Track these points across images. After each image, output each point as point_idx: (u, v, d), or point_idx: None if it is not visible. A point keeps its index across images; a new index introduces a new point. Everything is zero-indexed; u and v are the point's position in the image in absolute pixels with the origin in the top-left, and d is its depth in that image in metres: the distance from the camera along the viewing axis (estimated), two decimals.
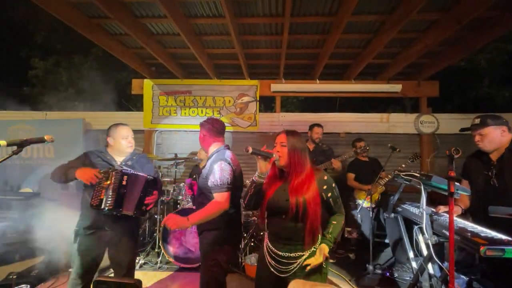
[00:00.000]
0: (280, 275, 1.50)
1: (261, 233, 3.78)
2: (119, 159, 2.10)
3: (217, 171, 1.74)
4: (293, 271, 1.47)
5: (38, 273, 2.82)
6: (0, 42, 7.93)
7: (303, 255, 1.48)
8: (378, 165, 3.76)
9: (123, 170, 1.89)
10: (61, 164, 1.98)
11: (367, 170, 3.65)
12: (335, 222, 1.55)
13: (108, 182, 1.82)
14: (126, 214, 1.87)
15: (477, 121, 1.98)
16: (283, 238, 1.52)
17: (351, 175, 3.74)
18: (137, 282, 1.33)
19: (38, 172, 4.55)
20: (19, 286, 1.48)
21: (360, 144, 3.70)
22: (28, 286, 1.52)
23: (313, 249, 1.51)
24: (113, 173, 1.84)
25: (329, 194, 1.53)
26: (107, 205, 1.80)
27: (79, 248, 1.93)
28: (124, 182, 1.85)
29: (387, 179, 3.36)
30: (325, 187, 1.53)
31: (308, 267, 1.41)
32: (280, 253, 1.50)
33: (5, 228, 3.20)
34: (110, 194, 1.80)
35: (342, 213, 1.59)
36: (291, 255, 1.48)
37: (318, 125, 3.85)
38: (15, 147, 1.44)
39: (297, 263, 1.47)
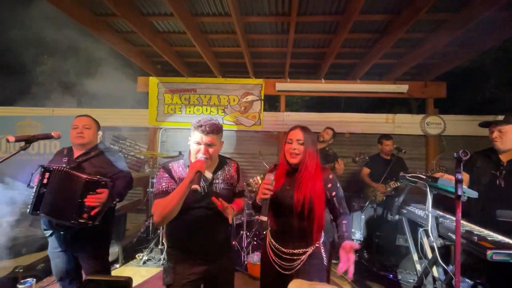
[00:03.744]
0: (284, 272, 1.50)
1: (264, 232, 3.78)
2: (78, 153, 1.89)
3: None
4: (297, 267, 1.47)
5: (44, 267, 2.87)
6: (8, 39, 8.01)
7: (307, 251, 1.48)
8: (402, 166, 3.56)
9: (45, 166, 1.69)
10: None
11: (385, 169, 3.37)
12: (345, 222, 1.49)
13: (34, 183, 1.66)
14: (44, 217, 1.66)
15: (501, 117, 2.00)
16: (288, 235, 1.52)
17: (366, 170, 3.66)
18: (128, 280, 1.35)
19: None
20: (25, 280, 1.50)
21: (387, 143, 3.58)
22: (34, 279, 1.53)
23: (316, 245, 1.50)
24: (40, 171, 1.68)
25: (333, 193, 1.52)
26: (28, 208, 1.64)
27: (48, 250, 1.87)
28: (45, 181, 1.65)
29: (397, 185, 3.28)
30: (330, 185, 1.52)
31: (341, 271, 1.28)
32: (284, 250, 1.50)
33: (11, 223, 3.25)
34: (32, 195, 1.64)
35: (348, 213, 1.55)
36: (295, 251, 1.48)
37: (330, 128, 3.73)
38: (23, 143, 1.46)
39: (301, 259, 1.47)
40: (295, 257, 1.48)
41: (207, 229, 1.47)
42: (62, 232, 1.78)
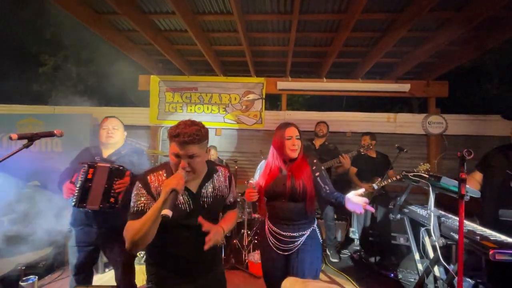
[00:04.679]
0: (284, 253, 1.64)
1: (260, 218, 3.78)
2: (106, 153, 2.06)
3: None
4: (297, 248, 1.62)
5: (46, 265, 2.88)
6: (10, 38, 8.02)
7: (305, 233, 1.64)
8: (386, 163, 3.63)
9: (89, 163, 1.82)
10: (64, 170, 2.05)
11: (371, 167, 3.55)
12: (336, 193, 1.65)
13: (79, 178, 1.79)
14: (91, 209, 1.80)
15: None
16: (285, 219, 1.65)
17: (353, 169, 3.68)
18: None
19: (46, 165, 4.62)
20: (27, 277, 1.50)
21: (365, 138, 3.62)
22: (36, 277, 1.54)
23: (312, 227, 1.67)
24: (82, 168, 1.81)
25: (317, 174, 1.67)
26: (73, 202, 1.77)
27: (70, 244, 1.96)
28: (89, 176, 1.78)
29: (394, 179, 3.29)
30: (314, 167, 1.69)
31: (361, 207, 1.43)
32: (283, 233, 1.64)
33: (13, 220, 3.26)
34: (77, 190, 1.78)
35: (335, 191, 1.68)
36: (294, 234, 1.63)
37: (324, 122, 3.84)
38: (25, 141, 1.46)
39: (300, 240, 1.63)
40: (294, 239, 1.63)
41: (192, 250, 1.27)
42: (95, 227, 1.91)
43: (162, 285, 1.28)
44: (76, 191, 1.78)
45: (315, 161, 1.72)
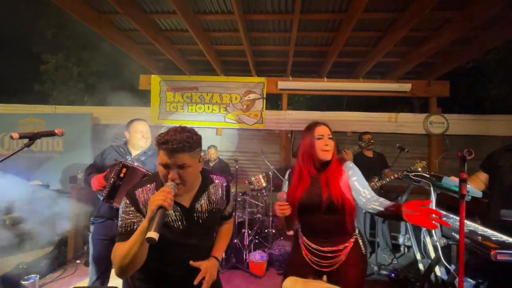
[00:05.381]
0: (324, 270, 1.45)
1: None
2: (135, 153, 2.16)
3: None
4: (338, 263, 1.44)
5: (47, 264, 2.89)
6: (11, 38, 8.05)
7: (347, 245, 1.45)
8: (383, 162, 3.65)
9: (123, 162, 1.87)
10: (88, 166, 2.11)
11: (368, 167, 3.50)
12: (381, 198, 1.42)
13: (111, 174, 1.86)
14: (117, 206, 1.84)
15: None
16: (323, 233, 1.46)
17: None
18: None
19: (47, 164, 4.63)
20: (28, 276, 1.51)
21: (366, 136, 3.61)
22: (37, 276, 1.54)
23: (354, 237, 1.48)
24: (116, 165, 1.87)
25: (354, 178, 1.47)
26: (103, 196, 1.85)
27: (91, 236, 2.05)
28: (121, 175, 1.84)
29: (392, 178, 3.29)
30: (350, 172, 1.49)
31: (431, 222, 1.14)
32: (322, 248, 1.45)
33: (15, 220, 3.27)
34: (108, 186, 1.84)
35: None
36: (335, 248, 1.44)
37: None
38: (26, 140, 1.46)
39: (343, 254, 1.44)
40: (336, 254, 1.44)
41: (186, 269, 1.16)
42: (115, 221, 1.96)
43: None
44: (107, 187, 1.84)
45: (351, 165, 1.52)
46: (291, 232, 1.39)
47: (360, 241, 1.50)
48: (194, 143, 1.06)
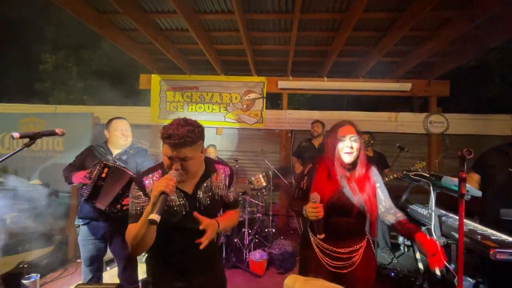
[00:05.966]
0: (341, 271, 1.44)
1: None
2: (116, 152, 2.14)
3: None
4: (355, 263, 1.45)
5: (48, 263, 2.89)
6: (11, 37, 8.05)
7: (362, 245, 1.47)
8: (383, 162, 3.64)
9: (104, 162, 1.87)
10: (68, 165, 2.11)
11: None
12: (399, 214, 1.43)
13: (93, 175, 1.86)
14: (98, 207, 1.86)
15: None
16: (346, 235, 1.46)
17: None
18: (117, 286, 1.40)
19: (47, 164, 4.64)
20: (29, 275, 1.51)
21: (365, 136, 3.63)
22: (38, 275, 1.55)
23: (366, 236, 1.52)
24: (97, 165, 1.87)
25: (378, 185, 1.49)
26: (84, 195, 1.85)
27: (79, 238, 2.07)
28: (103, 175, 1.84)
29: (391, 177, 3.29)
30: (375, 178, 1.50)
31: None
32: (340, 250, 1.44)
33: (15, 219, 3.28)
34: (89, 185, 1.85)
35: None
36: (351, 249, 1.45)
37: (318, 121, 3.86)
38: (27, 140, 1.46)
39: (359, 254, 1.46)
40: (352, 255, 1.44)
41: (189, 251, 1.25)
42: (101, 222, 2.00)
43: (160, 280, 1.29)
44: (89, 187, 1.84)
45: (376, 171, 1.53)
46: (322, 235, 1.35)
47: (370, 239, 1.52)
48: (196, 137, 1.12)
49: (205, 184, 1.27)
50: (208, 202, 1.26)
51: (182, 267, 1.29)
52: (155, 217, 0.95)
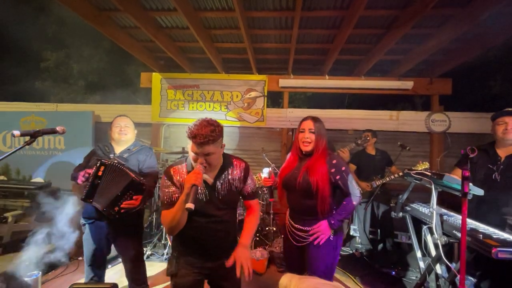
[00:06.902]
0: (297, 244, 1.73)
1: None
2: (119, 150, 2.13)
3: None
4: (307, 241, 1.68)
5: (49, 261, 2.90)
6: (12, 35, 8.04)
7: (314, 223, 1.67)
8: (387, 160, 3.62)
9: (101, 160, 1.86)
10: (77, 165, 2.09)
11: (370, 164, 3.55)
12: (344, 202, 1.67)
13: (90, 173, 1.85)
14: (96, 207, 1.84)
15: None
16: (299, 213, 1.74)
17: (352, 166, 3.66)
18: (113, 286, 1.44)
19: (49, 162, 4.65)
20: (31, 273, 1.52)
21: (365, 134, 3.61)
22: (40, 273, 1.55)
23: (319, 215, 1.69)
24: (96, 164, 1.86)
25: (338, 177, 1.64)
26: (83, 194, 1.84)
27: (84, 237, 2.07)
28: (100, 173, 1.82)
29: (396, 175, 3.27)
30: (333, 170, 1.64)
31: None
32: (295, 225, 1.74)
33: (17, 217, 3.29)
34: (88, 184, 1.84)
35: (356, 195, 1.68)
36: (304, 228, 1.69)
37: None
38: (28, 138, 1.46)
39: (311, 230, 1.67)
40: (306, 234, 1.68)
41: (209, 235, 1.43)
42: (105, 222, 2.00)
43: (183, 258, 1.47)
44: (86, 186, 1.83)
45: (334, 162, 1.66)
46: (191, 206, 1.51)
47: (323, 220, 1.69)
48: (217, 135, 1.30)
49: (222, 177, 1.44)
50: (225, 193, 1.44)
51: (204, 249, 1.45)
52: (191, 205, 1.14)
